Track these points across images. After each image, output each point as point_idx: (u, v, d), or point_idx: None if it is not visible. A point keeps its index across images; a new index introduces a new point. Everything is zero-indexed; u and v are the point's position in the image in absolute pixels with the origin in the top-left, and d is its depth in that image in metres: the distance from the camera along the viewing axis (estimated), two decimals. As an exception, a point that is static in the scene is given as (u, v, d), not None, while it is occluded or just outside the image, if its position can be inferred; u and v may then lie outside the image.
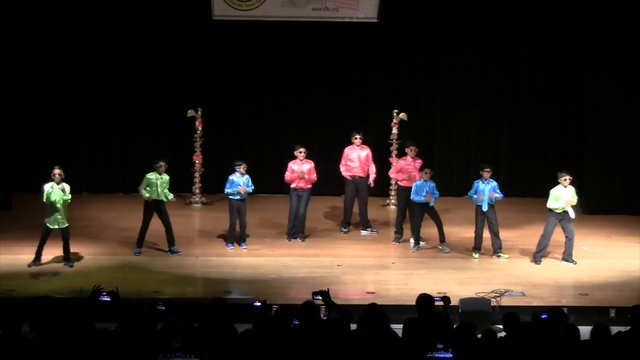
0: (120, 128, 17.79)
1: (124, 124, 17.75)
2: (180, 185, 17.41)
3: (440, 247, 13.96)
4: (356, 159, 14.88)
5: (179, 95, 17.43)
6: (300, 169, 14.31)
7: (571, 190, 13.32)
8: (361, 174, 14.91)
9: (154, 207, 13.52)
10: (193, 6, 17.25)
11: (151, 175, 13.51)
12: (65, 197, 12.85)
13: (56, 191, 12.78)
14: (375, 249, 14.18)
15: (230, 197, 13.92)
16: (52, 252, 13.03)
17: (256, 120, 18.07)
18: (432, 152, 17.84)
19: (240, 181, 13.84)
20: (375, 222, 15.31)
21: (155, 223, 13.62)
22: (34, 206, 16.04)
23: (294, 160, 14.47)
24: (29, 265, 12.76)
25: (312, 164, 14.49)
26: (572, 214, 13.27)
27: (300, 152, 14.40)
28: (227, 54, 17.58)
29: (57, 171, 12.84)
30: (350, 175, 14.87)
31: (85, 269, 12.79)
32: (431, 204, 13.70)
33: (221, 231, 14.80)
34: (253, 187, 14.03)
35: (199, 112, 16.90)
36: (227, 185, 13.91)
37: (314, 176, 14.45)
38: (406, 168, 14.35)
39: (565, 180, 13.28)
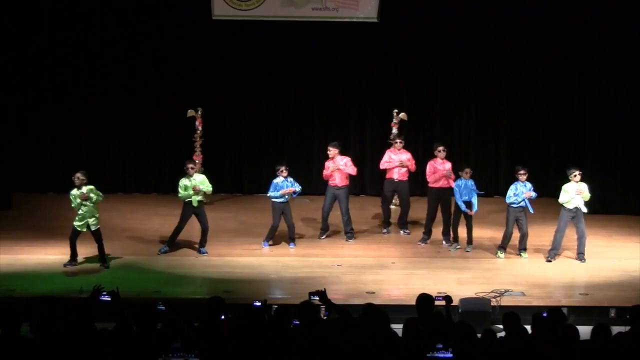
0: (120, 128, 17.81)
1: (124, 123, 17.77)
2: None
3: (467, 248, 13.95)
4: (397, 162, 14.85)
5: (179, 95, 17.45)
6: (336, 163, 14.32)
7: (584, 186, 13.35)
8: (401, 178, 14.90)
9: (192, 208, 13.50)
10: (193, 6, 17.27)
11: (185, 181, 13.50)
12: (93, 201, 12.70)
13: (76, 197, 12.72)
14: (375, 249, 14.17)
15: (273, 199, 13.93)
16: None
17: (256, 120, 18.09)
18: (432, 152, 17.84)
19: (284, 185, 13.85)
20: (378, 221, 15.28)
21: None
22: (34, 206, 16.13)
23: (330, 159, 14.46)
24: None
25: (349, 159, 14.48)
26: (583, 208, 13.29)
27: (330, 152, 14.39)
28: (227, 54, 17.61)
29: (77, 175, 12.74)
30: (391, 177, 14.90)
31: (86, 269, 12.79)
32: (471, 212, 13.71)
33: (221, 231, 14.83)
34: (300, 187, 13.99)
35: (199, 112, 16.91)
36: (271, 189, 13.92)
37: (349, 169, 14.36)
38: (439, 169, 14.27)
39: (575, 176, 13.31)
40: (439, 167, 14.26)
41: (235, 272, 12.79)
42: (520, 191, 13.50)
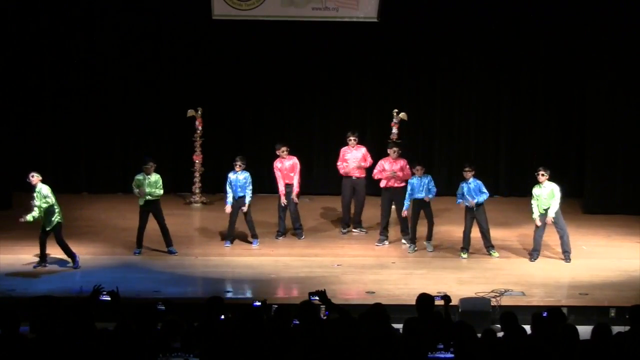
0: (120, 128, 17.82)
1: (124, 123, 17.78)
2: (180, 185, 17.44)
3: (425, 243, 13.91)
4: (352, 159, 14.82)
5: (179, 95, 17.46)
6: (283, 165, 14.35)
7: (549, 187, 13.25)
8: (357, 174, 14.87)
9: (146, 208, 13.47)
10: (193, 6, 17.27)
11: (139, 176, 13.47)
12: (36, 204, 12.63)
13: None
14: (375, 249, 14.16)
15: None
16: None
17: (256, 120, 18.09)
18: (432, 152, 17.88)
19: (236, 181, 13.86)
20: (370, 222, 15.26)
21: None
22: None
23: (278, 159, 14.48)
24: (34, 267, 12.75)
25: (295, 159, 14.47)
26: (551, 212, 13.14)
27: (283, 151, 14.40)
28: (227, 54, 17.61)
29: (30, 174, 12.74)
30: (345, 173, 14.84)
31: (86, 269, 12.78)
32: (428, 198, 13.65)
33: (221, 231, 14.81)
34: (249, 190, 13.90)
35: (199, 112, 16.91)
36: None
37: (292, 175, 14.39)
38: (387, 169, 14.21)
39: (540, 175, 13.23)
40: (387, 166, 14.21)
41: (235, 272, 12.79)
42: (466, 191, 13.46)
